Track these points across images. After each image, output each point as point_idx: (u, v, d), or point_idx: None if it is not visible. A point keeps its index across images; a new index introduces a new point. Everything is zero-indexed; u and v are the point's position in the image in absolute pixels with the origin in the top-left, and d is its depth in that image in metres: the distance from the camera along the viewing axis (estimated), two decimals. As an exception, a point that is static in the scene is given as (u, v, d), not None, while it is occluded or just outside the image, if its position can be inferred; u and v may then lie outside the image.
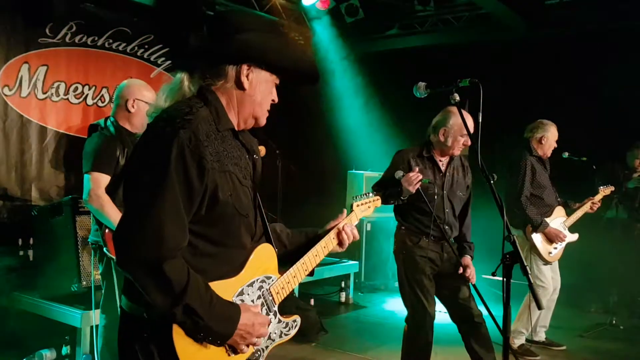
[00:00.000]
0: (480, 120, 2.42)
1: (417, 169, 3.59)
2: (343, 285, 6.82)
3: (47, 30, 5.35)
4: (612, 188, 5.27)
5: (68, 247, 4.14)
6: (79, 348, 4.06)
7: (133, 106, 3.45)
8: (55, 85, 5.44)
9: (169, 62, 6.35)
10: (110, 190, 3.33)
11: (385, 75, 7.83)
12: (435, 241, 3.68)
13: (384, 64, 8.09)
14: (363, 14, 7.29)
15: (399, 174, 3.49)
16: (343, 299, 6.80)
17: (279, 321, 1.92)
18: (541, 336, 5.19)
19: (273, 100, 1.85)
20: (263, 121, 1.84)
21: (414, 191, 3.44)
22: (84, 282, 4.09)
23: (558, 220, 4.97)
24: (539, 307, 2.18)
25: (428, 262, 3.68)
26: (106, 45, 5.81)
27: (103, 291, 3.55)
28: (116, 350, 1.64)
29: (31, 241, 4.91)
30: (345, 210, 2.23)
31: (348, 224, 2.18)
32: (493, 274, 3.65)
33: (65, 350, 4.16)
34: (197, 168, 1.56)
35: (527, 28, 7.53)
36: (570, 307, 6.10)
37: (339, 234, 2.15)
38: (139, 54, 6.10)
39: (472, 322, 3.63)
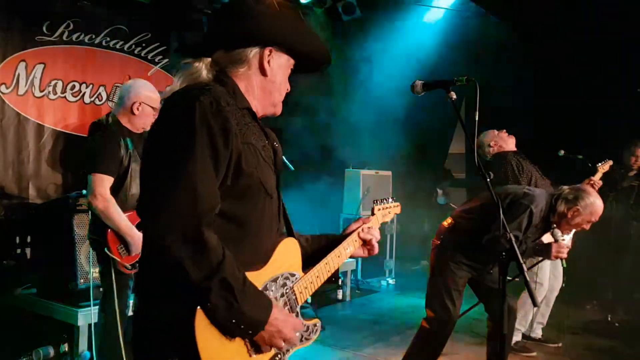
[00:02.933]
0: (477, 119, 2.43)
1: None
2: (340, 282, 6.84)
3: (44, 29, 5.34)
4: (611, 162, 5.09)
5: (66, 245, 4.14)
6: (77, 346, 4.06)
7: (138, 109, 3.44)
8: (53, 83, 5.43)
9: (166, 60, 6.34)
10: (113, 191, 3.32)
11: (385, 74, 7.84)
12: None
13: (383, 62, 8.11)
14: (360, 12, 7.30)
15: (558, 235, 3.44)
16: (340, 296, 6.81)
17: (302, 324, 1.78)
18: (538, 333, 5.21)
19: (287, 89, 1.79)
20: (279, 109, 1.79)
21: (550, 259, 3.53)
22: (82, 280, 4.10)
23: None
24: (535, 304, 2.20)
25: (468, 269, 3.70)
26: (103, 43, 5.81)
27: (102, 290, 3.57)
28: (115, 348, 1.61)
29: (29, 239, 4.92)
30: (361, 219, 2.13)
31: (370, 226, 2.08)
32: (489, 272, 3.69)
33: (63, 348, 4.17)
34: (222, 131, 1.47)
35: (525, 26, 7.56)
36: (566, 304, 6.13)
37: (362, 235, 2.04)
38: (136, 52, 6.10)
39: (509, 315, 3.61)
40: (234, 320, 1.44)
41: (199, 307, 1.41)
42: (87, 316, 3.99)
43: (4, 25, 5.09)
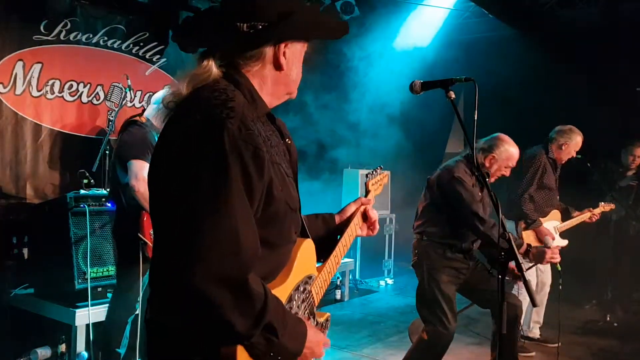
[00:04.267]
0: (476, 118, 2.42)
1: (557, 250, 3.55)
2: (339, 282, 6.83)
3: (41, 28, 5.32)
4: (613, 206, 5.31)
5: (63, 245, 4.13)
6: (75, 346, 4.05)
7: None
8: (50, 82, 5.41)
9: (164, 59, 6.33)
10: None
11: (383, 73, 7.84)
12: (459, 251, 3.67)
13: (382, 62, 8.10)
14: (358, 11, 7.29)
15: (549, 242, 3.46)
16: (339, 297, 6.80)
17: (316, 323, 1.76)
18: (535, 332, 5.21)
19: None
20: (295, 94, 1.68)
21: (542, 264, 3.52)
22: (79, 280, 4.09)
23: (551, 223, 4.96)
24: (534, 304, 2.19)
25: (454, 273, 3.66)
26: (101, 42, 5.79)
27: (119, 285, 3.72)
28: (114, 346, 1.54)
29: (26, 239, 4.90)
30: (360, 198, 2.07)
31: (369, 206, 2.01)
32: (489, 272, 3.69)
33: (61, 348, 4.16)
34: (254, 161, 1.34)
35: (521, 25, 7.56)
36: (564, 304, 6.12)
37: (364, 217, 1.99)
38: (134, 51, 6.08)
39: (513, 317, 3.57)
40: (272, 354, 1.40)
41: (239, 345, 1.36)
42: (85, 316, 3.98)
43: (1, 25, 5.08)
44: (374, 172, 2.25)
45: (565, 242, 5.05)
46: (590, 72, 6.91)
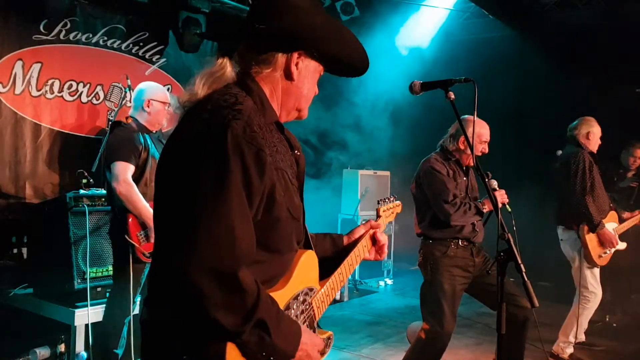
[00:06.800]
0: (475, 119, 2.43)
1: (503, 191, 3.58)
2: (338, 283, 6.83)
3: (41, 27, 5.32)
4: None
5: (62, 245, 4.13)
6: (74, 346, 4.05)
7: (148, 106, 3.76)
8: (50, 82, 5.41)
9: (164, 59, 6.33)
10: (134, 181, 3.58)
11: (383, 74, 7.84)
12: (464, 247, 3.66)
13: (381, 62, 8.11)
14: (358, 11, 7.29)
15: (493, 183, 3.48)
16: (338, 297, 6.81)
17: (323, 342, 1.72)
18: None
19: (315, 93, 1.70)
20: (306, 114, 1.70)
21: (500, 205, 3.46)
22: (79, 280, 4.09)
23: (610, 225, 4.77)
24: (532, 304, 2.18)
25: (458, 271, 3.63)
26: (101, 42, 5.79)
27: (114, 286, 3.72)
28: (111, 346, 1.54)
29: (25, 239, 4.90)
30: (370, 221, 2.08)
31: (378, 230, 2.04)
32: (487, 272, 3.68)
33: (60, 348, 4.15)
34: (256, 162, 1.36)
35: (521, 25, 7.56)
36: (563, 305, 6.12)
37: (372, 240, 2.01)
38: (133, 51, 6.08)
39: (523, 320, 3.51)
40: (264, 353, 1.39)
41: (229, 342, 1.36)
42: (84, 316, 3.98)
43: (0, 24, 5.08)
44: (387, 200, 2.28)
45: (624, 245, 4.86)
46: (590, 73, 6.92)
